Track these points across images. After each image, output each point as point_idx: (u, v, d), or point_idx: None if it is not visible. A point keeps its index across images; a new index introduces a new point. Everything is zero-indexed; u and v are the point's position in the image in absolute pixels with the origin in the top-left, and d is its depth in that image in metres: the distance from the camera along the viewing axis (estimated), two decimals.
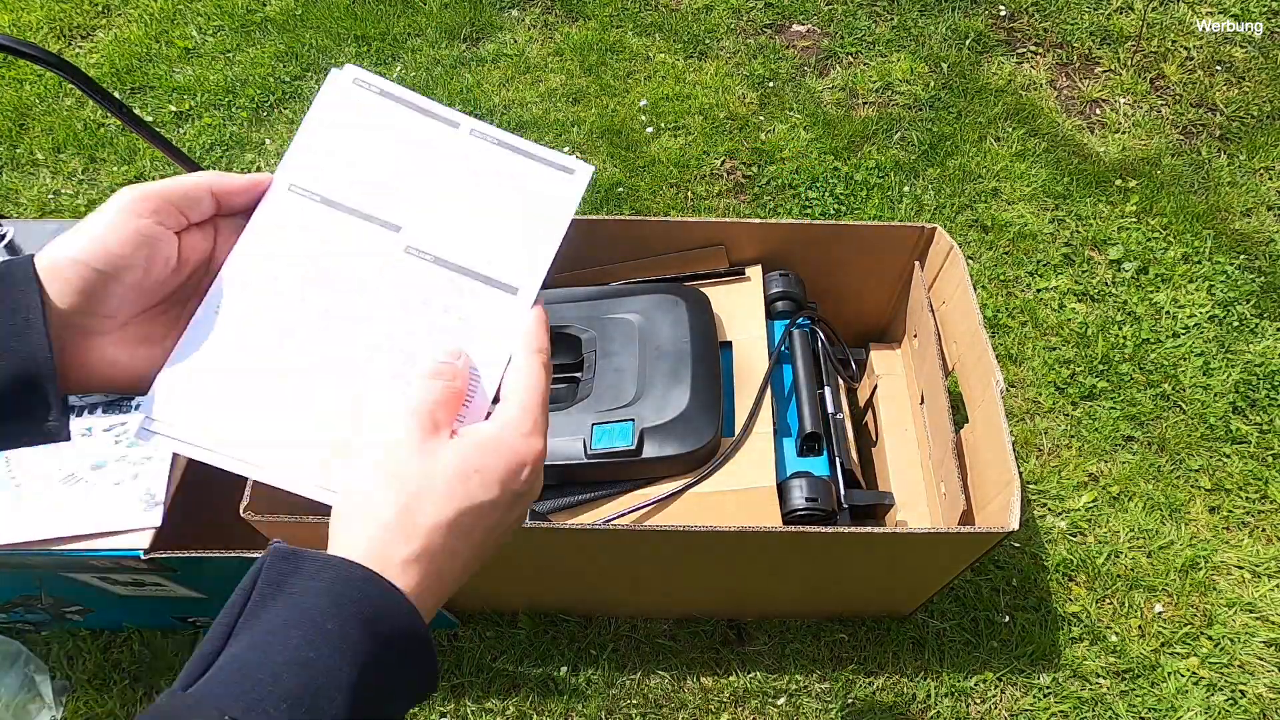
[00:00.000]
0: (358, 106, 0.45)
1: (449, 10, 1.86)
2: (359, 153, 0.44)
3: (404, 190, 0.44)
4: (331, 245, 0.42)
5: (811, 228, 1.02)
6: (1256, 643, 1.06)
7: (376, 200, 0.43)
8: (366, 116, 0.45)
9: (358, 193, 0.43)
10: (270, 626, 0.29)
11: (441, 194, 0.44)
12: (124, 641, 1.05)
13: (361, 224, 0.43)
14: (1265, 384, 1.28)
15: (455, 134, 0.45)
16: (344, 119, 0.44)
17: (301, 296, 0.41)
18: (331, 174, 0.43)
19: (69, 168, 1.58)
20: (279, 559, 0.30)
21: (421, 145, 0.45)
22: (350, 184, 0.43)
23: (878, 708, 1.01)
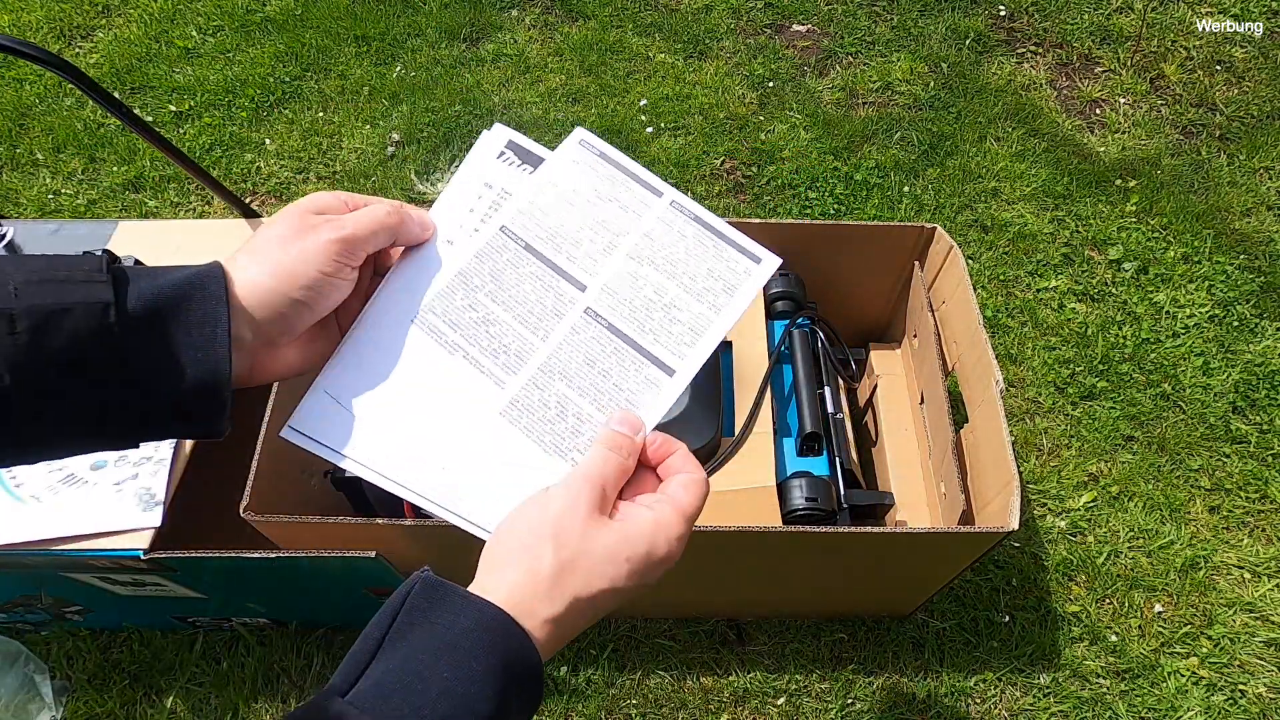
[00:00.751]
0: (576, 164, 0.48)
1: (449, 10, 1.86)
2: (567, 208, 0.47)
3: (596, 249, 0.46)
4: (520, 291, 0.45)
5: (811, 228, 1.02)
6: (1256, 643, 1.06)
7: (571, 255, 0.46)
8: (582, 175, 0.48)
9: (556, 246, 0.46)
10: (420, 650, 0.32)
11: (630, 259, 0.46)
12: (124, 641, 1.05)
13: (553, 277, 0.46)
14: (1265, 384, 1.28)
15: (656, 202, 0.47)
16: (562, 177, 0.48)
17: (473, 333, 0.44)
18: (539, 223, 0.47)
19: (69, 168, 1.58)
20: (428, 587, 0.34)
21: (623, 209, 0.47)
22: (552, 235, 0.47)
23: (878, 708, 1.01)
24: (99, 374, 0.33)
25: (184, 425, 0.36)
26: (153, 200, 1.54)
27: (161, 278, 0.35)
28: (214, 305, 0.35)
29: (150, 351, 0.34)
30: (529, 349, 0.44)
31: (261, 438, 0.78)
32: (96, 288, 0.33)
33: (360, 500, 0.88)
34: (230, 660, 1.03)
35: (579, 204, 0.47)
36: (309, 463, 0.89)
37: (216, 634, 1.05)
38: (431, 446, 0.42)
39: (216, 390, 0.35)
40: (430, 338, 0.44)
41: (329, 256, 0.38)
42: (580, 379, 0.43)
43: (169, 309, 0.34)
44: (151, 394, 0.34)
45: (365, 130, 1.64)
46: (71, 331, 0.32)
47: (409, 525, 0.75)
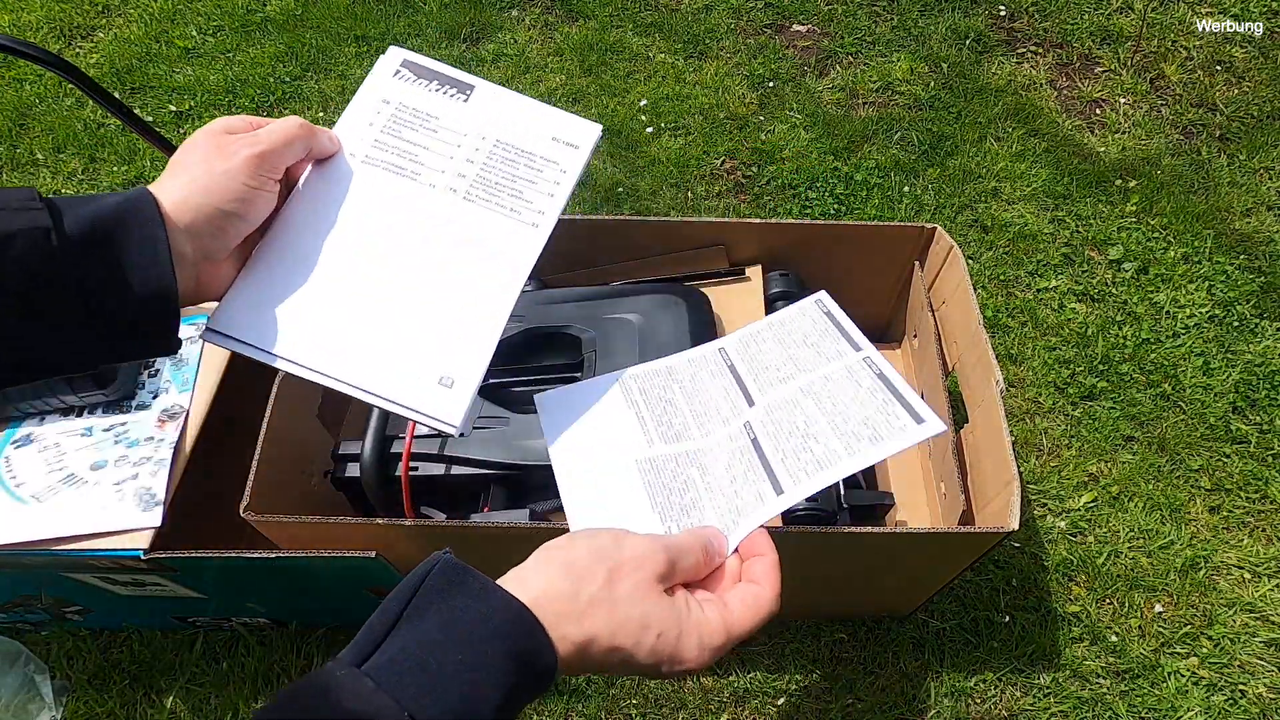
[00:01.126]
0: (803, 315, 0.62)
1: (449, 10, 1.86)
2: (777, 345, 0.58)
3: (778, 376, 0.55)
4: (707, 393, 0.53)
5: (811, 228, 1.02)
6: (1256, 643, 1.06)
7: (757, 376, 0.55)
8: (802, 324, 0.62)
9: (751, 371, 0.56)
10: (436, 630, 0.32)
11: (800, 391, 0.52)
12: (124, 641, 1.05)
13: (736, 391, 0.54)
14: (1265, 384, 1.28)
15: (851, 355, 0.55)
16: (787, 323, 0.61)
17: (658, 410, 0.52)
18: (751, 353, 0.57)
19: (69, 168, 1.58)
20: (448, 569, 0.35)
21: (819, 353, 0.56)
22: (754, 362, 0.56)
23: (878, 708, 1.01)
24: (50, 296, 0.34)
25: (139, 342, 0.37)
26: None
27: (95, 203, 0.36)
28: (151, 226, 0.37)
29: (96, 272, 0.35)
30: (687, 433, 0.50)
31: (261, 438, 0.78)
32: (35, 213, 0.34)
33: (360, 500, 0.88)
34: (230, 660, 1.03)
35: (788, 343, 0.55)
36: (309, 463, 0.89)
37: (216, 634, 1.05)
38: (353, 329, 0.47)
39: (165, 302, 0.37)
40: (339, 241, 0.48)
41: (251, 170, 0.41)
42: (711, 475, 0.48)
43: (108, 231, 0.36)
44: (102, 313, 0.35)
45: None
46: (17, 258, 0.33)
47: (409, 525, 0.75)
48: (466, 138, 0.50)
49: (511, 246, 0.48)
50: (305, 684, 0.31)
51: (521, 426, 0.87)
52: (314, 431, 0.92)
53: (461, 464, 0.83)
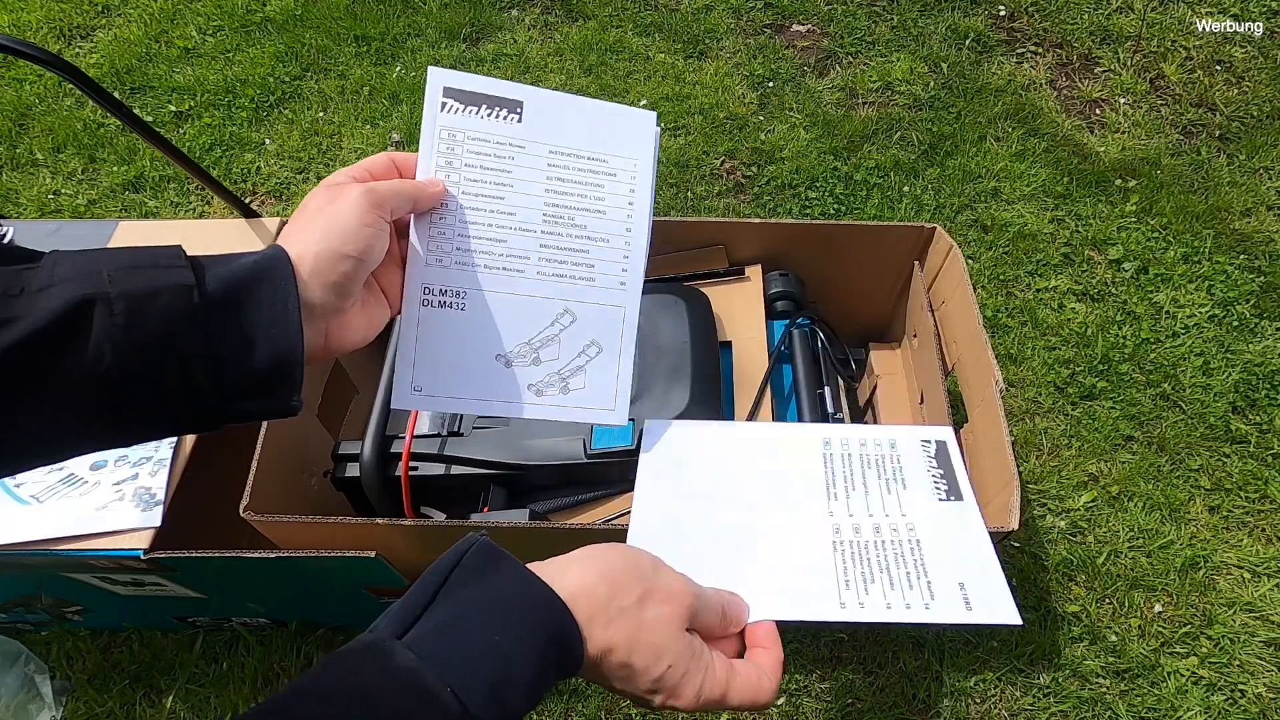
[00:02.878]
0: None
1: (449, 10, 1.86)
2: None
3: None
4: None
5: (811, 228, 1.02)
6: (1256, 643, 1.06)
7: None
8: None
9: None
10: (473, 607, 0.34)
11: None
12: (124, 641, 1.05)
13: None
14: (1265, 384, 1.28)
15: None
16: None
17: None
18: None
19: (69, 168, 1.58)
20: (484, 550, 0.36)
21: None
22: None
23: (878, 708, 1.01)
24: (187, 352, 0.35)
25: (261, 401, 0.37)
26: (153, 200, 1.54)
27: (234, 262, 0.37)
28: (283, 284, 0.37)
29: (230, 330, 0.36)
30: (772, 505, 0.52)
31: (261, 438, 0.78)
32: (180, 272, 0.35)
33: (360, 500, 0.88)
34: (230, 660, 1.03)
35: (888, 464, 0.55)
36: (309, 463, 0.89)
37: (216, 634, 1.05)
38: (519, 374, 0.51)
39: (291, 363, 0.37)
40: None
41: (362, 209, 0.41)
42: (779, 553, 0.49)
43: (244, 290, 0.36)
44: (233, 371, 0.36)
45: (365, 130, 1.64)
46: (162, 313, 0.34)
47: (409, 525, 0.75)
48: (533, 158, 0.50)
49: (612, 250, 0.50)
50: (347, 653, 0.32)
51: (521, 426, 0.87)
52: (314, 431, 0.92)
53: (461, 464, 0.83)
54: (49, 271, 0.33)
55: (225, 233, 1.07)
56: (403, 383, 0.48)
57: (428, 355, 0.48)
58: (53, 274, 0.33)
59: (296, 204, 1.55)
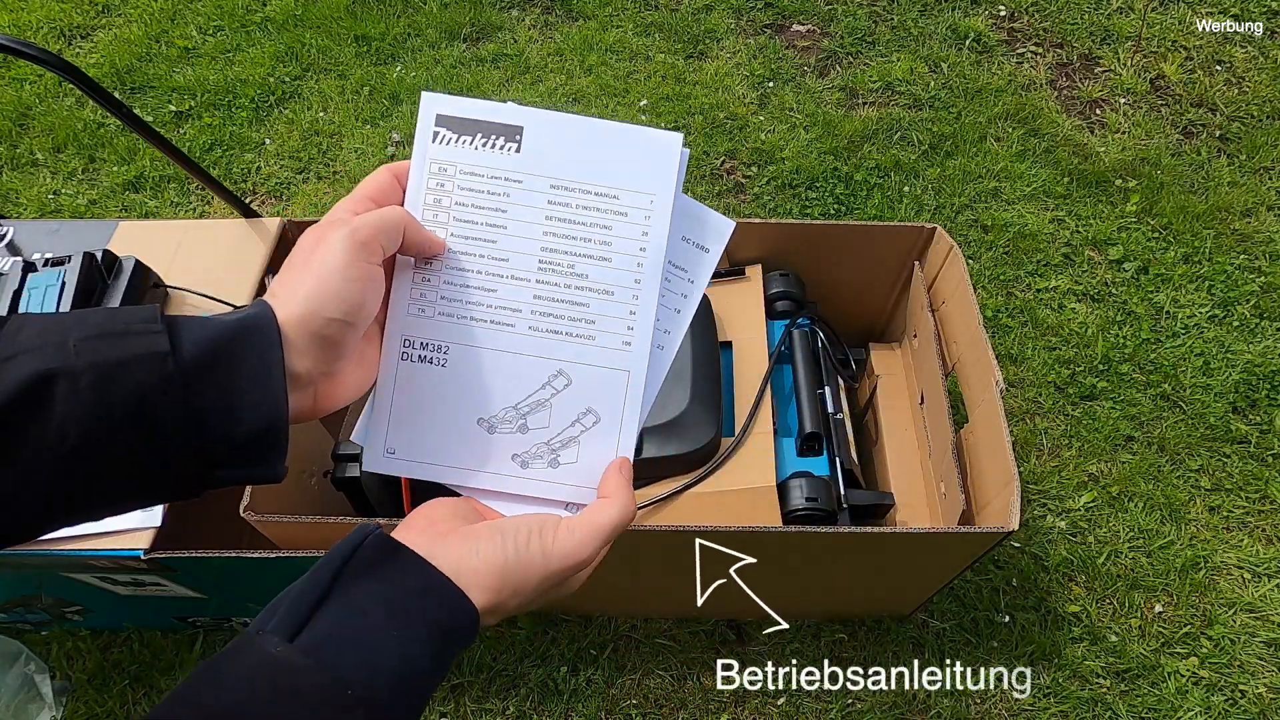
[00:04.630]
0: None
1: (449, 10, 1.86)
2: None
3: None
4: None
5: (811, 228, 1.02)
6: (1256, 643, 1.06)
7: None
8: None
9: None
10: (369, 605, 0.33)
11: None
12: (124, 641, 1.05)
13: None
14: (1265, 384, 1.28)
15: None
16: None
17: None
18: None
19: (69, 168, 1.58)
20: (380, 543, 0.35)
21: None
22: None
23: (878, 708, 1.01)
24: (162, 424, 0.32)
25: (244, 469, 0.35)
26: (153, 200, 1.54)
27: (213, 324, 0.35)
28: (268, 348, 0.35)
29: (209, 397, 0.33)
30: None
31: None
32: (154, 338, 0.33)
33: (360, 500, 0.88)
34: None
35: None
36: (309, 463, 0.89)
37: (216, 634, 1.05)
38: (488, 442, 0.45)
39: (275, 431, 0.35)
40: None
41: (346, 259, 0.37)
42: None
43: (224, 353, 0.34)
44: (212, 440, 0.34)
45: (365, 130, 1.64)
46: (133, 384, 0.32)
47: None
48: (532, 194, 0.43)
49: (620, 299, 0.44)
50: (231, 659, 0.30)
51: None
52: (314, 431, 0.92)
53: None
54: (11, 339, 0.31)
55: (225, 233, 1.07)
56: (375, 443, 0.43)
57: (404, 414, 0.43)
58: (15, 341, 0.31)
59: (297, 204, 1.55)
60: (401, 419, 0.43)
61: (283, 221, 1.08)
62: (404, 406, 0.43)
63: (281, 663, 0.30)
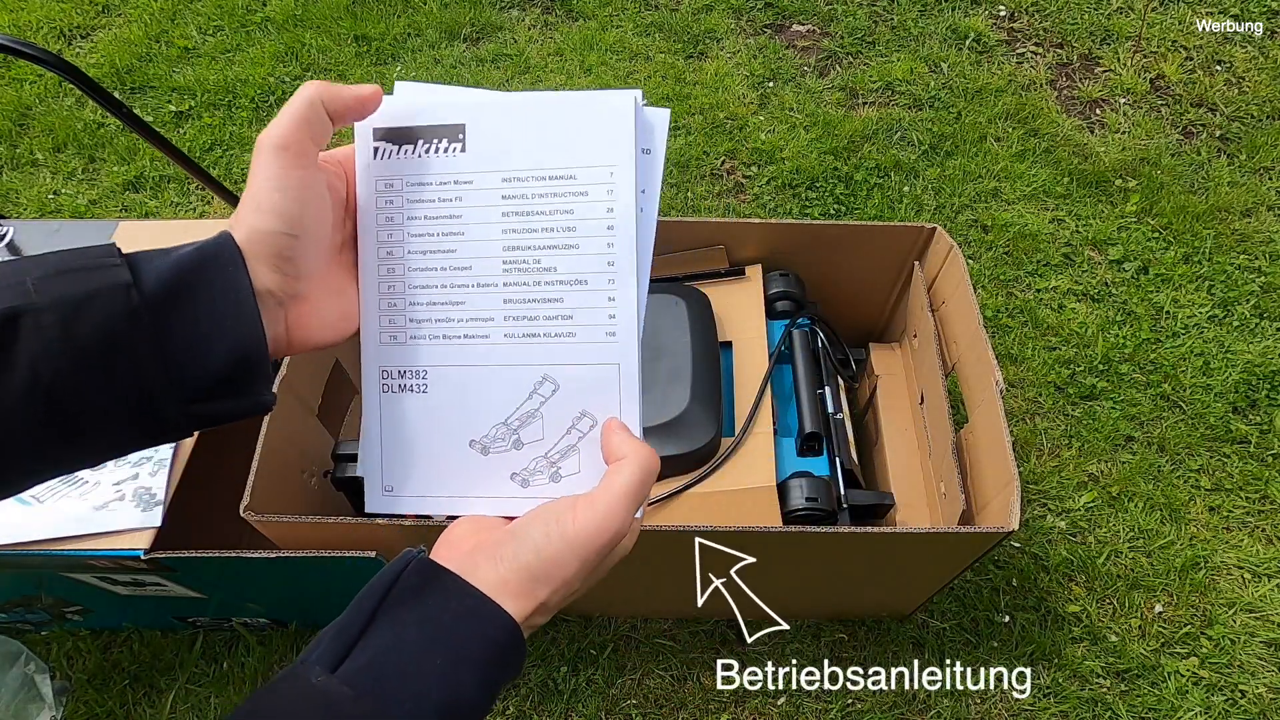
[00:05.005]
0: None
1: (449, 10, 1.86)
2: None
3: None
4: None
5: (811, 228, 1.02)
6: (1256, 643, 1.06)
7: None
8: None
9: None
10: (414, 633, 0.32)
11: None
12: (124, 641, 1.05)
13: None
14: (1265, 384, 1.28)
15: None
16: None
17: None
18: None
19: (69, 168, 1.58)
20: (422, 568, 0.34)
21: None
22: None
23: (878, 708, 1.01)
24: (134, 358, 0.32)
25: (229, 401, 0.34)
26: (153, 200, 1.54)
27: (174, 253, 0.34)
28: (231, 269, 0.33)
29: (178, 326, 0.33)
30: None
31: (262, 438, 0.78)
32: (115, 271, 0.32)
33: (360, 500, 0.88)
34: (230, 660, 1.03)
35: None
36: (309, 463, 0.89)
37: (216, 634, 1.05)
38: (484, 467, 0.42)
39: (254, 356, 0.34)
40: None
41: (271, 168, 0.35)
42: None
43: (188, 281, 0.33)
44: (191, 371, 0.33)
45: None
46: (99, 319, 0.31)
47: (409, 525, 0.75)
48: (484, 193, 0.41)
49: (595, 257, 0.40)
50: (276, 691, 0.30)
51: None
52: (314, 431, 0.92)
53: None
54: None
55: None
56: (373, 482, 0.41)
57: (395, 449, 0.41)
58: None
59: None
60: (394, 454, 0.41)
61: None
62: (393, 440, 0.41)
63: (324, 693, 0.30)
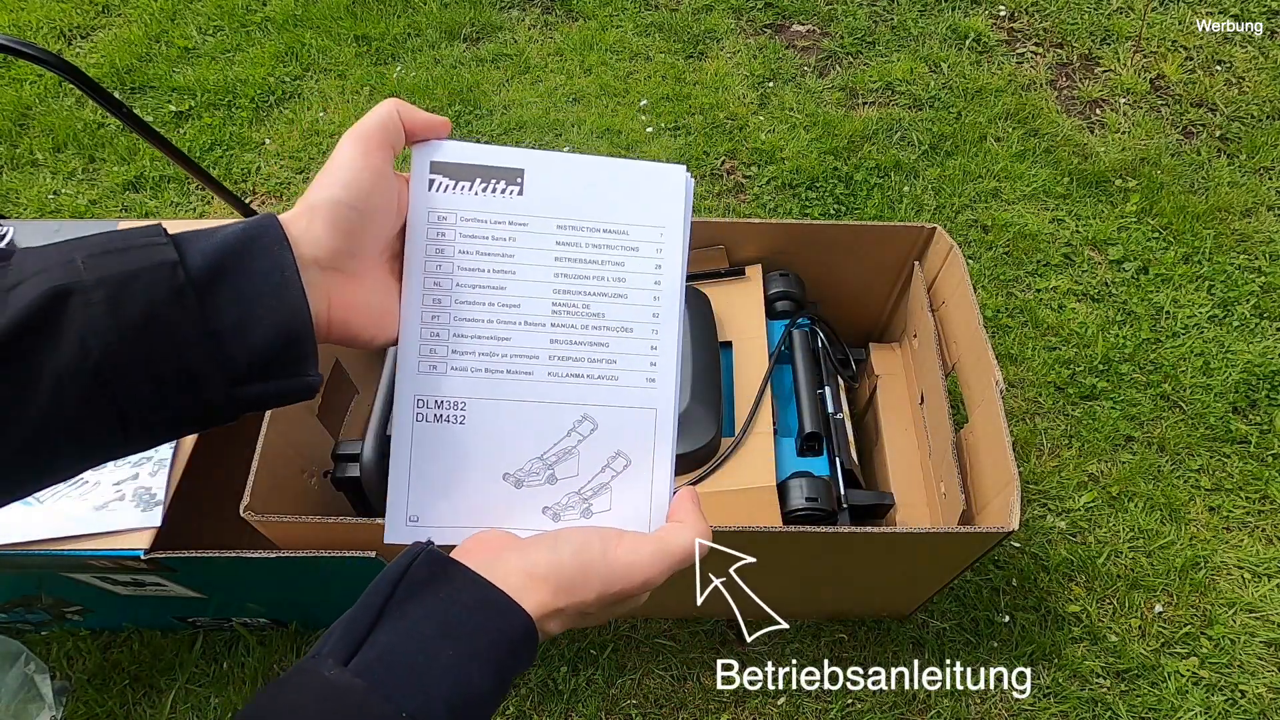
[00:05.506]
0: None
1: (449, 10, 1.86)
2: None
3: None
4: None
5: (811, 228, 1.02)
6: (1256, 643, 1.06)
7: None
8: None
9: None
10: (423, 624, 0.32)
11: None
12: (124, 641, 1.05)
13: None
14: (1265, 384, 1.28)
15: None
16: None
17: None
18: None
19: (69, 168, 1.58)
20: (431, 559, 0.34)
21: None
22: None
23: (878, 708, 1.01)
24: (180, 337, 0.31)
25: (274, 382, 0.34)
26: (153, 200, 1.54)
27: (220, 232, 0.34)
28: (277, 248, 0.34)
29: (226, 306, 0.33)
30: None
31: (261, 438, 0.78)
32: (160, 249, 0.32)
33: (360, 500, 0.88)
34: (230, 660, 1.03)
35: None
36: (309, 463, 0.89)
37: (216, 634, 1.05)
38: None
39: (300, 335, 0.34)
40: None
41: (350, 151, 0.37)
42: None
43: (234, 260, 0.33)
44: (236, 351, 0.33)
45: None
46: (145, 297, 0.31)
47: None
48: (539, 236, 0.42)
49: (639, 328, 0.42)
50: (286, 683, 0.30)
51: None
52: (314, 431, 0.92)
53: None
54: (19, 268, 0.30)
55: None
56: (396, 513, 0.41)
57: (424, 479, 0.41)
58: (22, 269, 0.30)
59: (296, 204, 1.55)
60: (423, 484, 0.41)
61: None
62: (424, 470, 0.41)
63: (336, 686, 0.30)
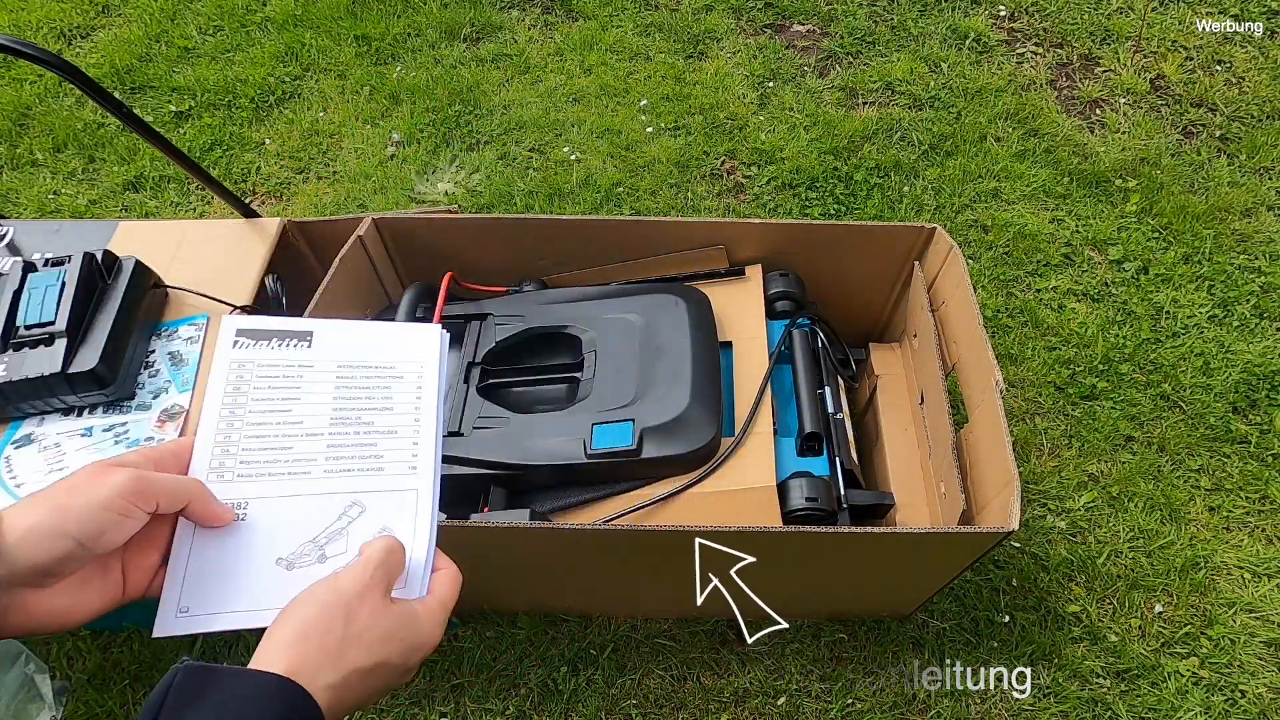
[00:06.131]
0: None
1: (449, 10, 1.86)
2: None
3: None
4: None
5: (811, 228, 1.02)
6: (1256, 643, 1.06)
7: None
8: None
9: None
10: None
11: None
12: (124, 641, 1.05)
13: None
14: (1265, 384, 1.28)
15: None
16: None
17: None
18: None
19: (69, 168, 1.58)
20: (192, 673, 0.35)
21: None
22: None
23: (878, 708, 1.01)
24: None
25: None
26: (153, 200, 1.54)
27: None
28: None
29: None
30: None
31: None
32: None
33: None
34: (230, 661, 1.03)
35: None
36: None
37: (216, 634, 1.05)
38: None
39: None
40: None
41: (119, 492, 0.37)
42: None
43: None
44: None
45: (365, 130, 1.64)
46: None
47: None
48: (322, 374, 0.50)
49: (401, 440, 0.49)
50: None
51: (522, 426, 0.87)
52: None
53: (462, 464, 0.83)
54: None
55: (225, 233, 1.07)
56: (167, 607, 0.42)
57: (199, 573, 0.43)
58: None
59: (297, 204, 1.55)
60: (196, 578, 0.43)
61: (282, 221, 1.08)
62: (201, 566, 0.44)
63: None
